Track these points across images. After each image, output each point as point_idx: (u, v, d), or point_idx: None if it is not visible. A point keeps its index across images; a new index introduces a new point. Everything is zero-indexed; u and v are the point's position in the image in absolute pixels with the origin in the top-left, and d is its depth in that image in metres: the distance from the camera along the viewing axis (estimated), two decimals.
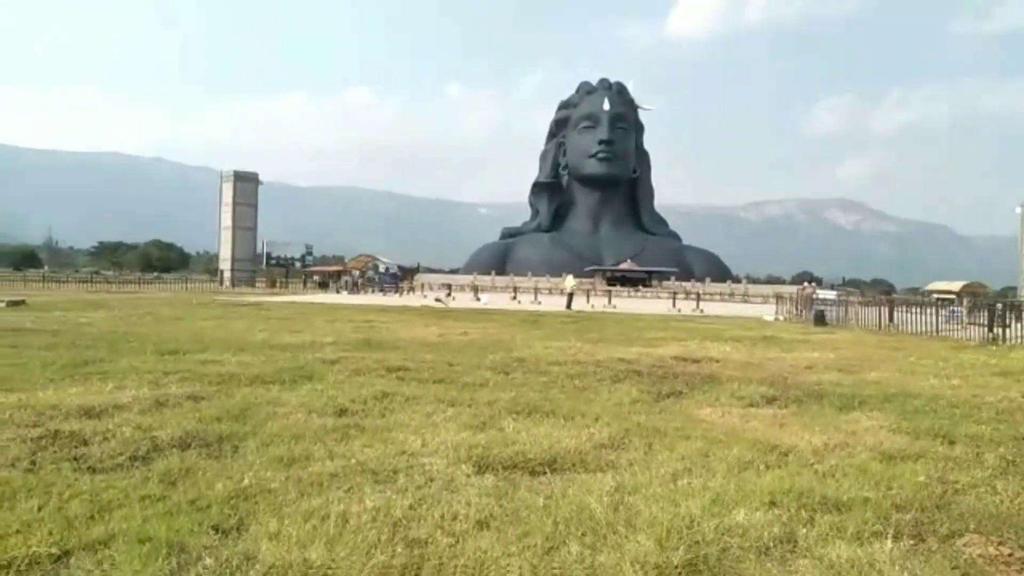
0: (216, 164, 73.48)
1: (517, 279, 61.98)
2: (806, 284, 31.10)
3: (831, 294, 35.94)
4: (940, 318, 20.98)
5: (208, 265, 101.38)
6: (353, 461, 4.64)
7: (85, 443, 4.95)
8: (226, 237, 69.97)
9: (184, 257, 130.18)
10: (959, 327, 20.35)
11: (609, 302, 39.90)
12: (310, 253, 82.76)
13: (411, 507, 3.79)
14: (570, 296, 34.37)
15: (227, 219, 69.91)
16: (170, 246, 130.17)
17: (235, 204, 69.40)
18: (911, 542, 3.49)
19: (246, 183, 71.11)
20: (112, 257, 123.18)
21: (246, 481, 4.14)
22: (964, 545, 3.46)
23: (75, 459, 4.57)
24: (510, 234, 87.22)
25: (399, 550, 3.23)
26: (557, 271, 61.47)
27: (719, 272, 75.08)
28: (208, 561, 3.07)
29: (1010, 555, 3.33)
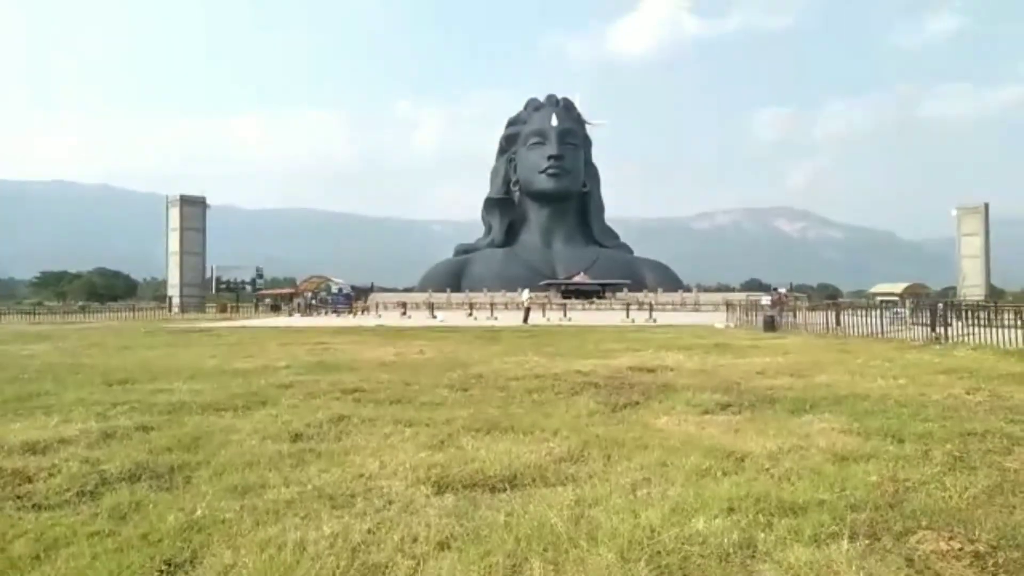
0: (163, 190, 71.82)
1: (473, 295, 61.95)
2: (777, 291, 31.87)
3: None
4: (885, 320, 21.55)
5: (156, 292, 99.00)
6: (309, 487, 4.56)
7: (29, 480, 4.78)
8: (174, 263, 68.53)
9: (131, 285, 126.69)
10: (903, 328, 20.92)
11: (564, 315, 40.07)
12: (261, 276, 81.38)
13: (370, 531, 3.74)
14: (527, 310, 34.51)
15: (174, 244, 68.51)
16: (116, 274, 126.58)
17: (182, 229, 68.05)
18: (866, 542, 3.56)
19: (193, 207, 69.82)
20: (55, 287, 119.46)
21: (199, 512, 4.03)
22: (917, 542, 3.54)
23: (19, 497, 4.41)
24: (464, 251, 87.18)
25: None
26: (512, 286, 61.68)
27: (671, 282, 76.09)
28: None
29: (960, 549, 3.42)
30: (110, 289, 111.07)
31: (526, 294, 37.79)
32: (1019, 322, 17.20)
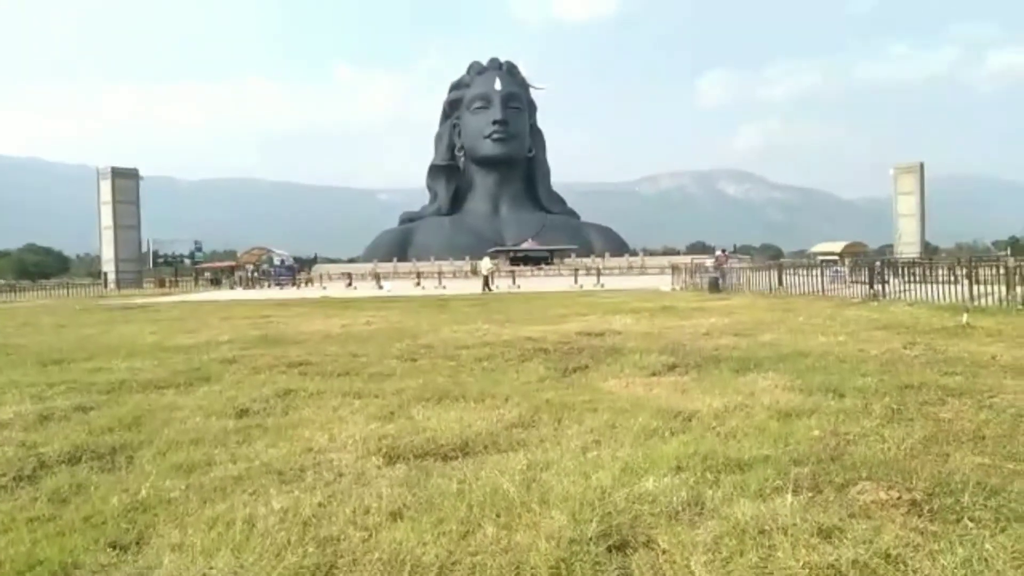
0: (96, 162, 69.01)
1: (420, 264, 61.57)
2: (720, 253, 32.10)
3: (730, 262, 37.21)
4: (825, 279, 22.13)
5: (91, 268, 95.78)
6: (257, 463, 4.48)
7: None
8: (107, 238, 66.24)
9: (64, 261, 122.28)
10: (843, 286, 21.51)
11: (513, 282, 40.15)
12: (199, 249, 79.23)
13: (321, 505, 3.70)
14: (486, 279, 34.14)
15: (107, 219, 66.14)
16: (47, 250, 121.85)
17: (115, 202, 65.67)
18: (809, 494, 3.66)
19: (126, 179, 67.34)
20: None
21: (143, 492, 3.93)
22: (857, 493, 3.65)
23: None
24: (410, 219, 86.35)
25: (310, 550, 3.14)
26: (460, 254, 61.51)
27: (617, 247, 76.79)
28: None
29: (898, 498, 3.54)
30: (41, 266, 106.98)
31: (486, 263, 37.18)
32: (952, 278, 17.83)
